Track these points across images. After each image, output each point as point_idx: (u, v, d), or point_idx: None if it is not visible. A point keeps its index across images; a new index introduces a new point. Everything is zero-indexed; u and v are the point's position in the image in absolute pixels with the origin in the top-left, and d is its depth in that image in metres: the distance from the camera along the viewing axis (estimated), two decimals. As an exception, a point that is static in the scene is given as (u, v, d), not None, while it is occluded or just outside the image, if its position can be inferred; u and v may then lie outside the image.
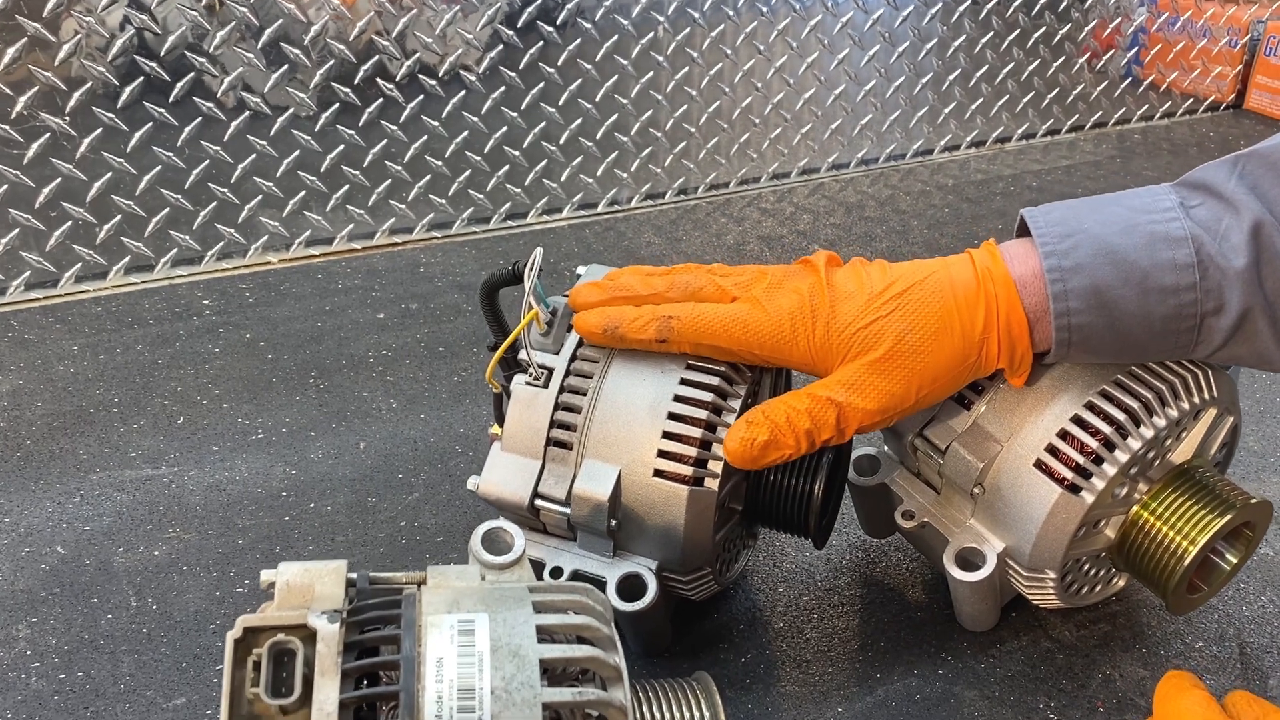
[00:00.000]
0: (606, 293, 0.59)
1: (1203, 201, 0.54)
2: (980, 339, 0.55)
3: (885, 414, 0.55)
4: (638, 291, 0.59)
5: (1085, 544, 0.60)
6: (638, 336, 0.57)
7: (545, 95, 1.23)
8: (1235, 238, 0.52)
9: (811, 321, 0.56)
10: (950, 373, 0.55)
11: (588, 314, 0.59)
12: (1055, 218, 0.55)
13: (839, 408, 0.55)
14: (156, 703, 0.62)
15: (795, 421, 0.55)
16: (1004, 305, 0.54)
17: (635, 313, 0.58)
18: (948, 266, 0.56)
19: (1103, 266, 0.53)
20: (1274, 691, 0.63)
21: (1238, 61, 1.63)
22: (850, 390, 0.55)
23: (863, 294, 0.56)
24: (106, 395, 0.90)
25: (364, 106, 1.15)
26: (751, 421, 0.55)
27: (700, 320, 0.57)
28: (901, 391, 0.55)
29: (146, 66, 1.04)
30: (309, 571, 0.44)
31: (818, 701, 0.62)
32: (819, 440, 0.55)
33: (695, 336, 0.57)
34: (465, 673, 0.40)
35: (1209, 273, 0.52)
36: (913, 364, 0.54)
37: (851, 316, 0.55)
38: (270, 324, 1.01)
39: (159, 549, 0.73)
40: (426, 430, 0.86)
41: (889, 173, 1.41)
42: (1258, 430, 0.87)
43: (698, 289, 0.58)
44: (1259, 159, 0.54)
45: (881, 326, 0.55)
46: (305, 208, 1.16)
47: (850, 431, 0.56)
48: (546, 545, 0.61)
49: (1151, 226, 0.53)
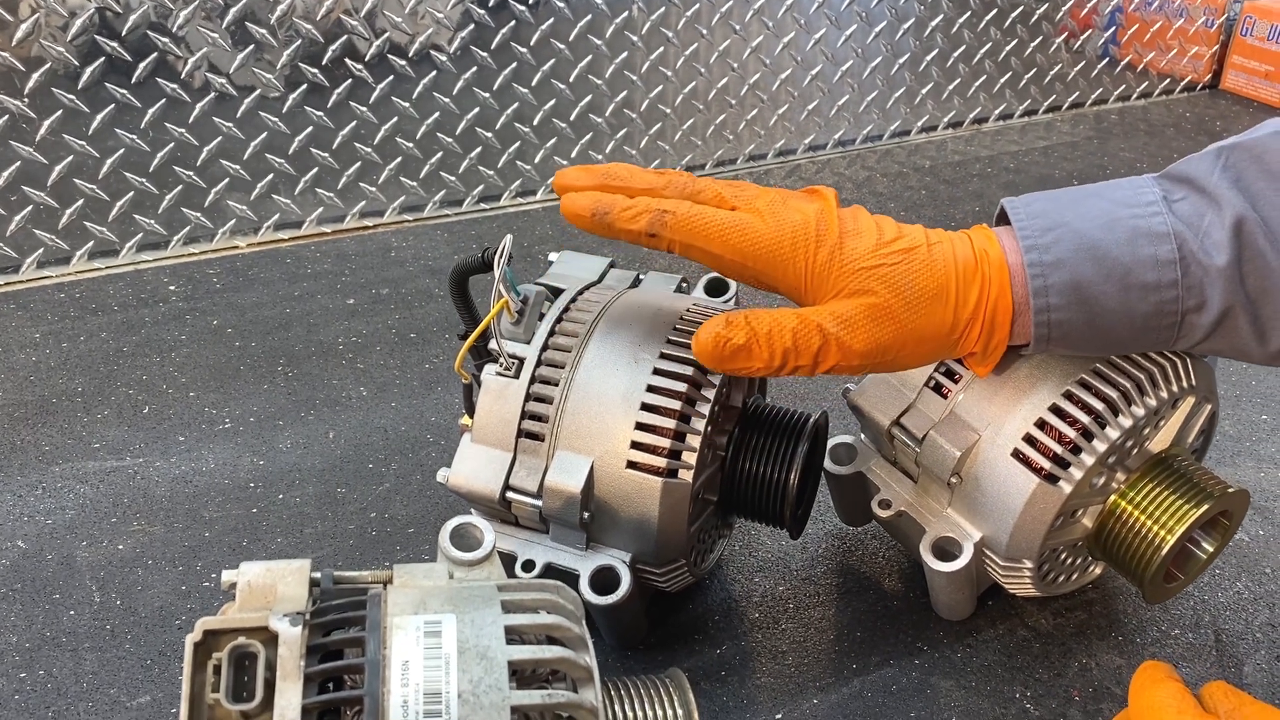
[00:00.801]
0: (597, 178, 0.56)
1: (1186, 196, 0.54)
2: (969, 316, 0.54)
3: (866, 360, 0.53)
4: (631, 183, 0.56)
5: (1062, 533, 0.60)
6: (627, 226, 0.54)
7: (518, 75, 1.21)
8: (1217, 234, 0.52)
9: (815, 244, 0.53)
10: (932, 342, 0.54)
11: (577, 196, 0.55)
12: (1036, 209, 0.54)
13: (825, 338, 0.52)
14: (120, 701, 0.61)
15: (776, 336, 0.52)
16: (995, 289, 0.53)
17: (628, 201, 0.54)
18: (952, 239, 0.55)
19: (1084, 262, 0.52)
20: (1249, 678, 0.63)
21: (1214, 42, 1.63)
22: (842, 325, 0.52)
23: (872, 236, 0.54)
24: (69, 384, 0.88)
25: (333, 87, 1.13)
26: (731, 321, 0.52)
27: (697, 219, 0.54)
28: (888, 342, 0.53)
29: (108, 46, 1.02)
30: (271, 571, 0.43)
31: (794, 693, 0.62)
32: (790, 364, 0.53)
33: (688, 236, 0.54)
34: (431, 676, 0.39)
35: (1190, 270, 0.52)
36: (905, 318, 0.53)
37: (859, 253, 0.53)
38: (238, 310, 0.99)
39: (123, 543, 0.72)
40: (398, 419, 0.84)
41: (866, 154, 1.40)
42: (1233, 415, 0.87)
43: (696, 191, 0.56)
44: (1243, 151, 0.53)
45: (887, 273, 0.53)
46: (273, 191, 1.13)
47: (823, 367, 0.53)
48: (518, 538, 0.60)
49: (1134, 221, 0.53)
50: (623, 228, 0.54)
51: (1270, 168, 0.52)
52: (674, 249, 0.55)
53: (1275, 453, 0.82)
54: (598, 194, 0.55)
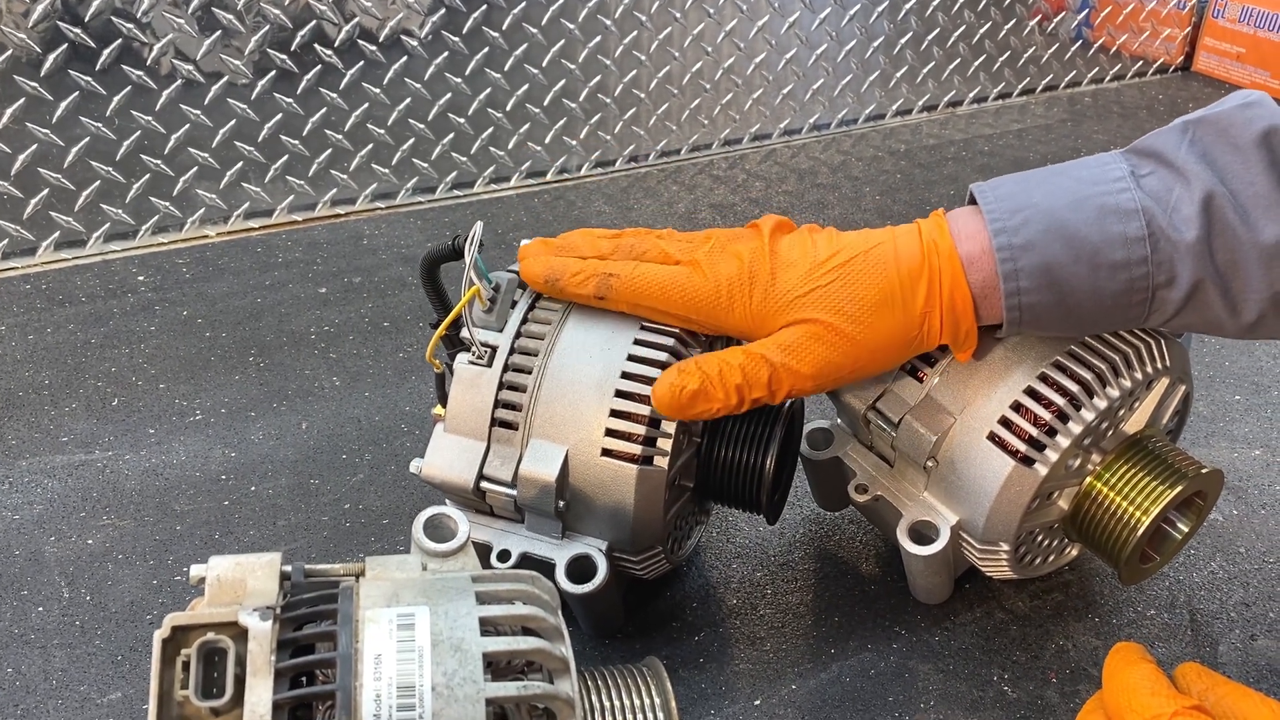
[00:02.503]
0: (553, 248, 0.59)
1: (1153, 170, 0.53)
2: (922, 314, 0.54)
3: (819, 380, 0.55)
4: (582, 251, 0.59)
5: (1039, 516, 0.60)
6: (577, 290, 0.57)
7: (490, 61, 1.20)
8: (1186, 209, 0.52)
9: (749, 288, 0.55)
10: (890, 347, 0.55)
11: (533, 260, 0.58)
12: (1004, 192, 0.54)
13: (773, 368, 0.54)
14: (91, 698, 0.60)
15: (727, 375, 0.54)
16: (948, 282, 0.54)
17: (578, 265, 0.57)
18: (895, 239, 0.55)
19: (1053, 244, 0.52)
20: (1224, 657, 0.64)
21: (1186, 24, 1.63)
22: (786, 352, 0.54)
23: (805, 262, 0.55)
24: (36, 377, 0.86)
25: (302, 74, 1.11)
26: (683, 370, 0.54)
27: (639, 280, 0.56)
28: (838, 360, 0.54)
29: (71, 33, 1.00)
30: (241, 565, 0.42)
31: (772, 679, 0.62)
32: (748, 398, 0.54)
33: (633, 296, 0.56)
34: (405, 669, 0.38)
35: (1160, 246, 0.52)
36: (851, 334, 0.54)
37: (791, 284, 0.55)
38: (208, 300, 0.98)
39: (92, 537, 0.70)
40: (371, 409, 0.84)
41: (841, 138, 1.39)
42: (1208, 395, 0.87)
43: (642, 251, 0.58)
44: (1209, 125, 0.53)
45: (820, 295, 0.54)
46: (243, 179, 1.12)
47: (781, 394, 0.55)
48: (493, 528, 0.60)
49: (1102, 199, 0.53)
50: (573, 292, 0.57)
51: (1236, 141, 0.52)
52: (622, 308, 0.57)
53: (1249, 433, 0.83)
54: (550, 259, 0.58)
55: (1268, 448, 0.81)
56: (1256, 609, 0.67)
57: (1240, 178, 0.52)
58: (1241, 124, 0.52)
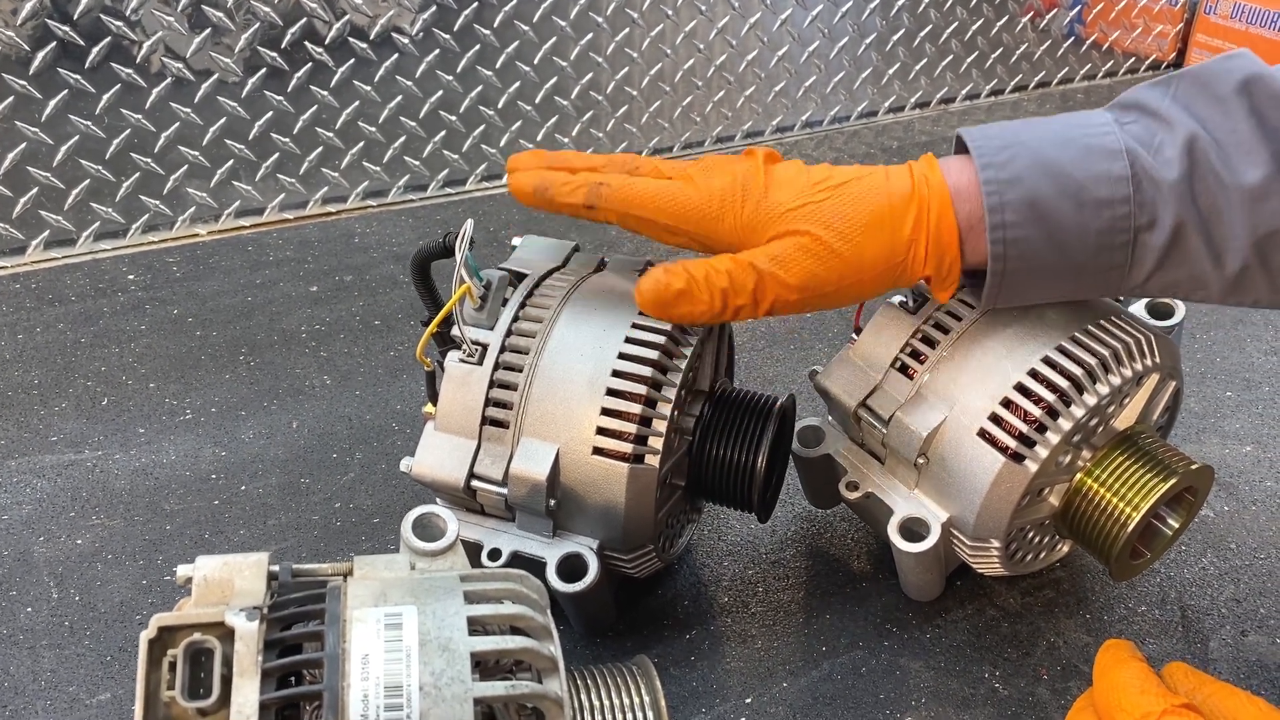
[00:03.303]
0: (544, 160, 0.59)
1: (1136, 119, 0.55)
2: (909, 240, 0.54)
3: (805, 293, 0.55)
4: (574, 164, 0.59)
5: (1029, 512, 0.60)
6: (566, 200, 0.57)
7: (482, 58, 1.20)
8: (1169, 151, 0.53)
9: (741, 200, 0.55)
10: (876, 269, 0.55)
11: (521, 174, 0.59)
12: (992, 132, 0.55)
13: (759, 275, 0.54)
14: (80, 699, 0.59)
15: (713, 279, 0.54)
16: (935, 210, 0.54)
17: (567, 177, 0.58)
18: (887, 170, 0.56)
19: (1040, 178, 0.53)
20: (1215, 653, 0.64)
21: (1178, 20, 1.63)
22: (774, 262, 0.54)
23: (799, 181, 0.56)
24: (26, 377, 0.86)
25: (292, 71, 1.11)
26: (669, 269, 0.55)
27: (630, 189, 0.56)
28: (824, 274, 0.54)
29: (59, 31, 0.99)
30: (228, 565, 0.42)
31: (763, 677, 0.62)
32: (732, 304, 0.54)
33: (623, 205, 0.56)
34: (392, 669, 0.38)
35: (1143, 186, 0.52)
36: (839, 249, 0.54)
37: (784, 199, 0.55)
38: (198, 299, 0.97)
39: (82, 537, 0.70)
40: (362, 407, 0.83)
41: (833, 135, 1.39)
42: (1198, 392, 0.87)
43: (635, 167, 0.58)
44: (1191, 79, 0.54)
45: (813, 210, 0.55)
46: (234, 177, 1.12)
47: (765, 304, 0.55)
48: (484, 526, 0.60)
49: (1087, 140, 0.53)
50: (562, 201, 0.57)
51: (1218, 91, 0.53)
52: (611, 219, 0.57)
53: (1239, 429, 0.83)
54: (540, 171, 0.58)
55: (1258, 444, 0.81)
56: (1247, 605, 0.67)
57: (1221, 125, 0.53)
58: (1222, 74, 0.53)
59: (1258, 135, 0.52)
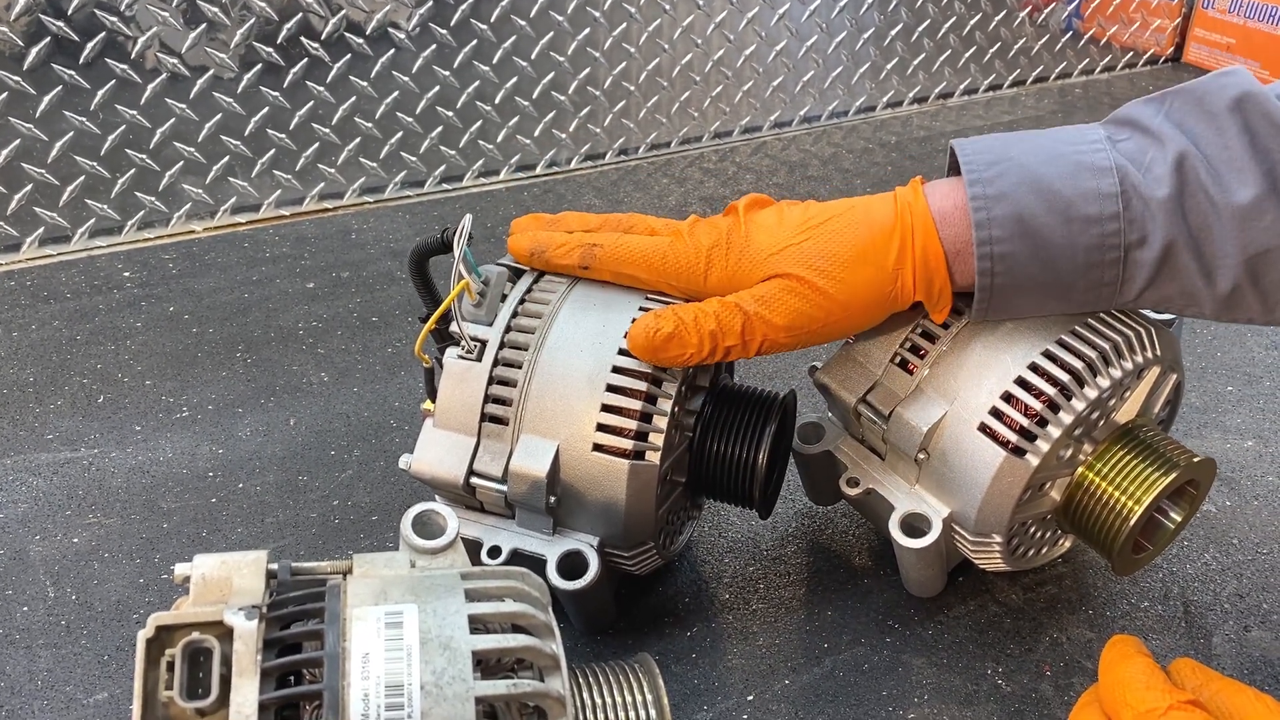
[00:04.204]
0: (543, 223, 0.61)
1: (1130, 136, 0.55)
2: (894, 269, 0.55)
3: (793, 332, 0.55)
4: (570, 225, 0.61)
5: (1031, 507, 0.59)
6: (561, 260, 0.59)
7: (479, 53, 1.19)
8: (1159, 169, 0.53)
9: (725, 252, 0.57)
10: (864, 301, 0.56)
11: (519, 236, 0.60)
12: (983, 146, 0.55)
13: (746, 316, 0.55)
14: (76, 699, 0.59)
15: (701, 321, 0.55)
16: (920, 237, 0.54)
17: (563, 238, 0.59)
18: (868, 202, 0.57)
19: (1027, 195, 0.53)
20: (1218, 649, 0.63)
21: (1176, 14, 1.63)
22: (760, 303, 0.55)
23: (779, 226, 0.57)
24: (21, 374, 0.85)
25: (288, 67, 1.11)
26: (659, 314, 0.55)
27: (622, 248, 0.58)
28: (811, 312, 0.55)
29: (53, 26, 0.99)
30: (226, 564, 0.41)
31: (765, 674, 0.61)
32: (721, 345, 0.55)
33: (615, 265, 0.58)
34: (393, 668, 0.38)
35: (1132, 203, 0.52)
36: (824, 288, 0.55)
37: (766, 244, 0.56)
38: (195, 296, 0.97)
39: (78, 536, 0.70)
40: (360, 404, 0.83)
41: (831, 130, 1.39)
42: (1200, 386, 0.87)
43: (629, 226, 0.60)
44: (1185, 96, 0.55)
45: (794, 252, 0.55)
46: (230, 174, 1.11)
47: (754, 344, 0.56)
48: (484, 524, 0.59)
49: (1077, 156, 0.53)
50: (558, 262, 0.59)
51: (1210, 108, 0.53)
52: (605, 277, 0.59)
53: (1241, 424, 0.83)
54: (536, 233, 0.60)
55: (1260, 439, 0.81)
56: (1250, 600, 0.67)
57: (1213, 142, 0.53)
58: (1215, 92, 0.53)
59: (1249, 154, 0.52)
